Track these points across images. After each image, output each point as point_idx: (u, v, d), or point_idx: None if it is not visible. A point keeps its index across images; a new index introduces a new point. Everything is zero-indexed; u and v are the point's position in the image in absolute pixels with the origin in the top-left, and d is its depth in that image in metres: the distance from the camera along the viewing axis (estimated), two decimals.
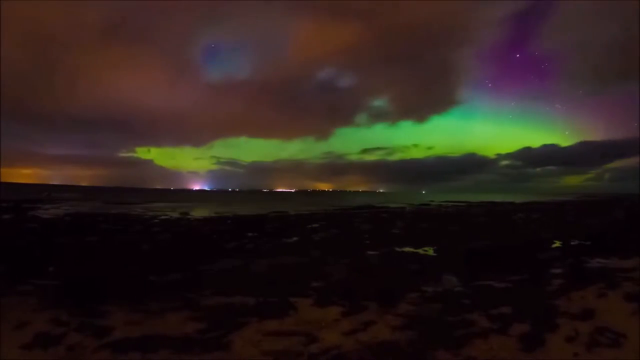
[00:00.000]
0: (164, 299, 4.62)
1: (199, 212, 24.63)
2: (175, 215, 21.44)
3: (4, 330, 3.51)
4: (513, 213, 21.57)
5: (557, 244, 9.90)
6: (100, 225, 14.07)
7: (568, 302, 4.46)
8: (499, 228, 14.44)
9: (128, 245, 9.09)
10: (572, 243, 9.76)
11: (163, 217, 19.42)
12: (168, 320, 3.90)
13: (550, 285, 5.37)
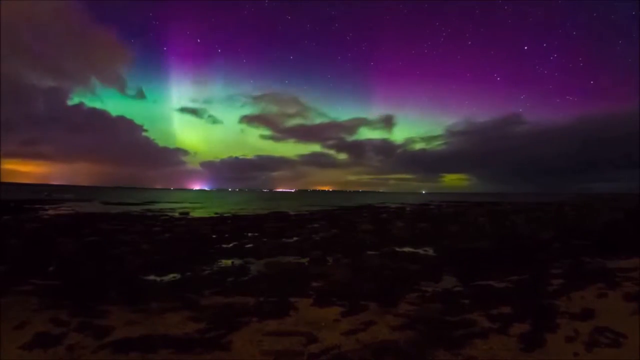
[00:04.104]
0: (164, 299, 4.63)
1: (199, 212, 24.63)
2: (175, 215, 21.45)
3: (4, 330, 3.51)
4: (513, 213, 21.57)
5: (557, 244, 9.90)
6: (100, 225, 14.07)
7: (568, 302, 4.46)
8: (499, 228, 14.43)
9: (128, 245, 9.09)
10: (572, 243, 9.76)
11: (163, 217, 19.42)
12: (168, 320, 3.90)
13: (550, 285, 5.37)
